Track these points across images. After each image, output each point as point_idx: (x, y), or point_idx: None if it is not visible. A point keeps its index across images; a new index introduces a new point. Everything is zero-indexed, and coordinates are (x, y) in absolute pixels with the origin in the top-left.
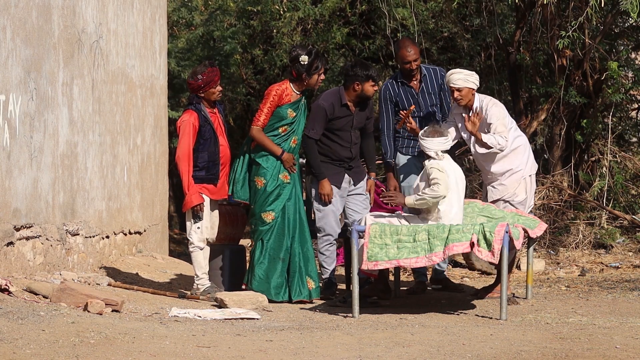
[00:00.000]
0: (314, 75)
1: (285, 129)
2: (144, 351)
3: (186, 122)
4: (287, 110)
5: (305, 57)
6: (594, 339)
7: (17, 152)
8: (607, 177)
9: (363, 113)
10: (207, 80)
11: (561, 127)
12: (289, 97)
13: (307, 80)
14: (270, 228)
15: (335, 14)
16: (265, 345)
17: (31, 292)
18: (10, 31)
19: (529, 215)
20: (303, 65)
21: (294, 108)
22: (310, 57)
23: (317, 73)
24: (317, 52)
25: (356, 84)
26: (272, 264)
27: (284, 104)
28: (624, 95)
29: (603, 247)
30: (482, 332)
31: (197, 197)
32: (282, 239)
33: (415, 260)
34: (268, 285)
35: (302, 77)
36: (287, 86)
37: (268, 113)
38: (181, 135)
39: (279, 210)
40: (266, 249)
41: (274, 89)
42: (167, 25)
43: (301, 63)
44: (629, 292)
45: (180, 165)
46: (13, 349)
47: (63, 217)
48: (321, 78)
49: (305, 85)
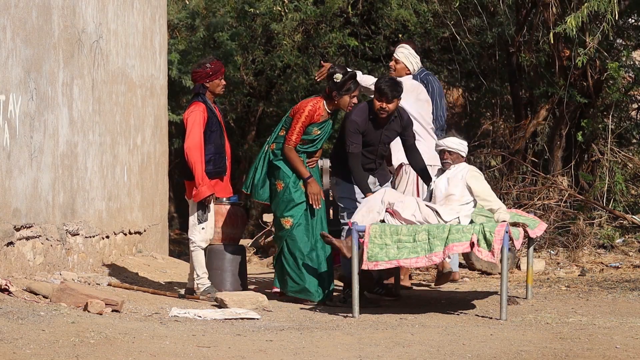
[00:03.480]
0: (345, 96)
1: (306, 142)
2: (144, 351)
3: (195, 112)
4: (313, 128)
5: (339, 75)
6: (594, 339)
7: (17, 152)
8: (607, 177)
9: (394, 128)
10: (215, 70)
11: (562, 127)
12: (319, 116)
13: (337, 99)
14: (291, 233)
15: (336, 14)
16: (265, 345)
17: (31, 292)
18: (10, 31)
19: (529, 215)
20: (336, 83)
21: (319, 127)
22: (345, 77)
23: (348, 95)
24: (353, 75)
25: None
26: (303, 269)
27: (313, 122)
28: (624, 95)
29: (603, 247)
30: (482, 332)
31: (210, 188)
32: (305, 242)
33: (415, 260)
34: (307, 290)
35: (333, 95)
36: (320, 105)
37: (300, 132)
38: (191, 126)
39: (298, 217)
40: (292, 254)
41: (306, 109)
42: (167, 28)
43: (334, 80)
44: (629, 292)
45: (193, 155)
46: (13, 349)
47: (63, 217)
48: (353, 101)
49: (334, 105)
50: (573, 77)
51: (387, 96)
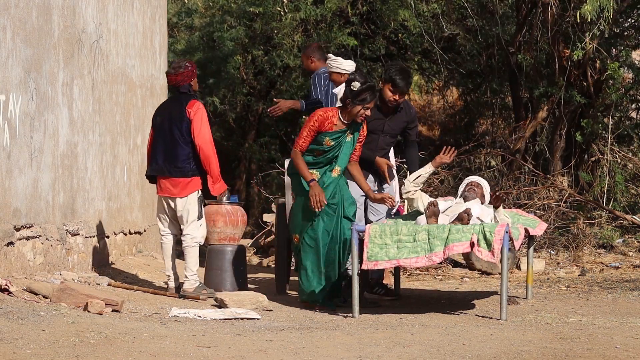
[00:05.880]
0: (358, 106)
1: (320, 153)
2: (144, 351)
3: (202, 110)
4: (325, 138)
5: (357, 84)
6: (594, 339)
7: (17, 152)
8: (607, 177)
9: (399, 120)
10: (195, 68)
11: (561, 127)
12: (331, 125)
13: (350, 107)
14: (301, 247)
15: (336, 14)
16: (265, 345)
17: (31, 292)
18: (10, 31)
19: (529, 215)
20: (352, 91)
21: (333, 138)
22: (362, 86)
23: (362, 105)
24: (371, 87)
25: (381, 81)
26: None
27: (325, 131)
28: (624, 95)
29: (603, 247)
30: (482, 332)
31: (223, 182)
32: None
33: (415, 260)
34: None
35: (347, 102)
36: (333, 114)
37: (307, 137)
38: (202, 123)
39: (303, 233)
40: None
41: (316, 114)
42: (167, 27)
43: (351, 87)
44: (629, 292)
45: (210, 149)
46: (13, 349)
47: (63, 217)
48: (366, 113)
49: (350, 115)
50: (573, 77)
51: (402, 90)
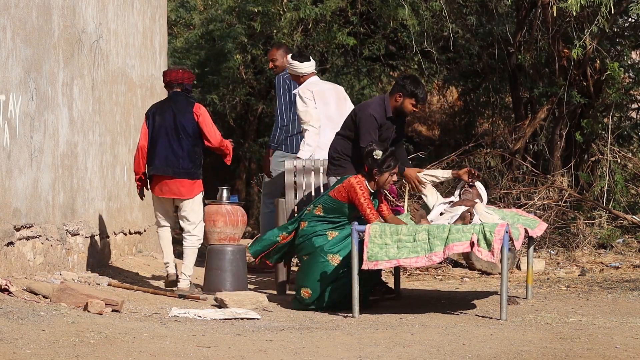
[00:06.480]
0: (385, 174)
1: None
2: (144, 351)
3: (206, 112)
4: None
5: (379, 152)
6: (594, 339)
7: (17, 152)
8: (607, 177)
9: (400, 126)
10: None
11: (561, 127)
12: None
13: (378, 177)
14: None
15: (335, 14)
16: (265, 345)
17: (31, 292)
18: (10, 31)
19: (529, 215)
20: (375, 160)
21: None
22: (385, 153)
23: (388, 172)
24: (392, 152)
25: (399, 95)
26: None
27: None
28: (624, 95)
29: (603, 247)
30: (482, 332)
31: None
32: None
33: (415, 260)
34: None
35: (373, 172)
36: (364, 184)
37: (369, 202)
38: (212, 125)
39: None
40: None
41: (357, 185)
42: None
43: (374, 157)
44: (629, 292)
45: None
46: (13, 349)
47: (63, 217)
48: (393, 179)
49: (375, 184)
50: (573, 77)
51: (423, 102)
